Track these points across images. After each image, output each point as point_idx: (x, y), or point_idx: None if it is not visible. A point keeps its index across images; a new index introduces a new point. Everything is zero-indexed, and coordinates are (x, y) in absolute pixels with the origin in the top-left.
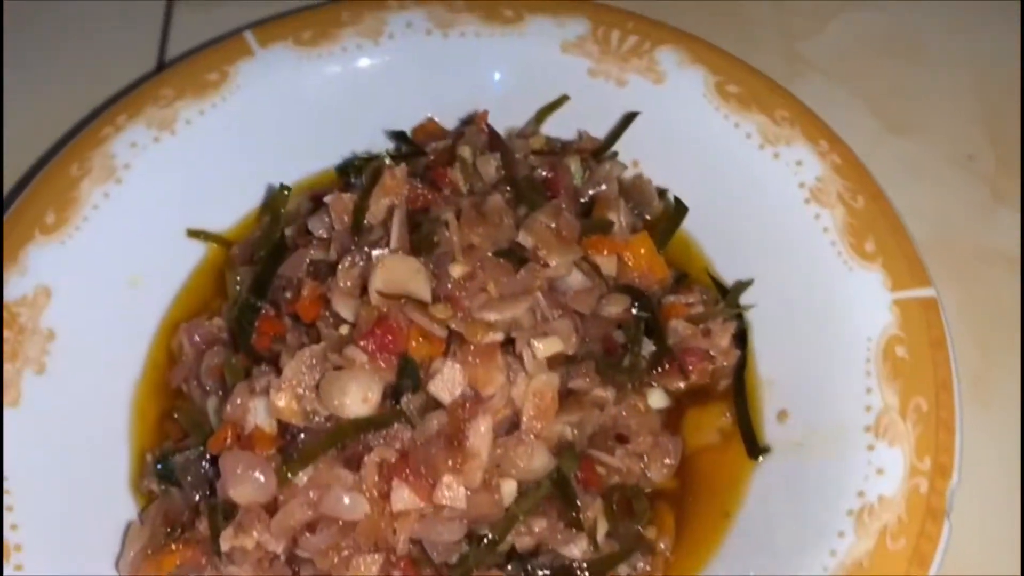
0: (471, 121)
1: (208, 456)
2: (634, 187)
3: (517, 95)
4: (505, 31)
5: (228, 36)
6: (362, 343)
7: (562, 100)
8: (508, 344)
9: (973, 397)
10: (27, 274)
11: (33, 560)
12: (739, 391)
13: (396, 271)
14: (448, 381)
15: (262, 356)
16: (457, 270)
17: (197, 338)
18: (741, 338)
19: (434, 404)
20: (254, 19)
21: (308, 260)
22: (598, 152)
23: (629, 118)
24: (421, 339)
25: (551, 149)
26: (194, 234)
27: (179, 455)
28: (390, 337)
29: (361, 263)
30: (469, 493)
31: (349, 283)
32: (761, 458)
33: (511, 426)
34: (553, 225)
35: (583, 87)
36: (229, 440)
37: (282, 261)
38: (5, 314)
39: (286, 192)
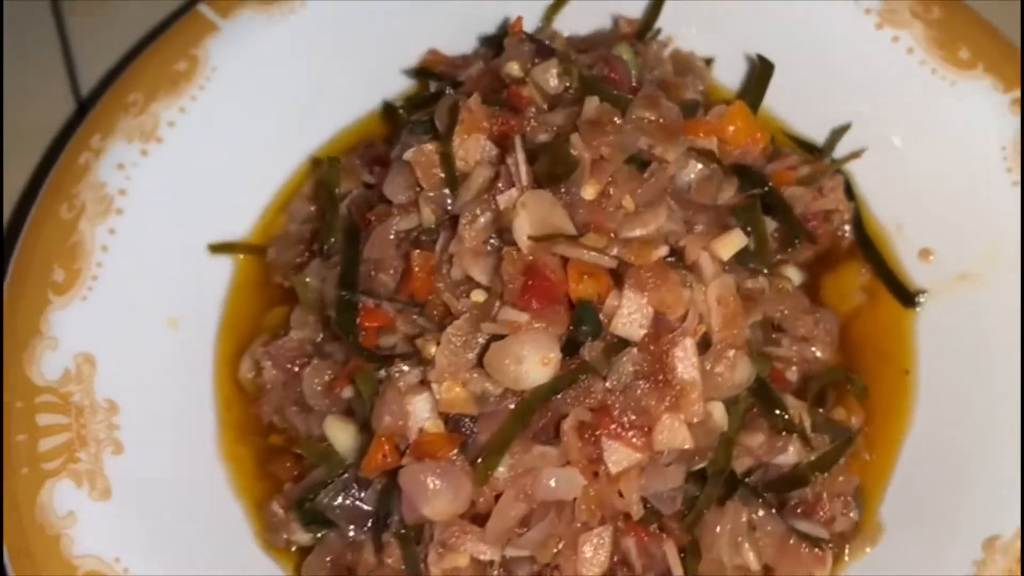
0: (502, 36)
1: (358, 483)
2: (682, 63)
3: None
4: None
5: (174, 19)
6: (521, 301)
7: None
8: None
9: None
10: (59, 346)
11: None
12: (866, 243)
13: (538, 209)
14: (634, 313)
15: (374, 355)
16: (590, 191)
17: (285, 363)
18: (847, 189)
19: (619, 346)
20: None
21: (393, 234)
22: (641, 34)
23: None
24: (585, 278)
25: (588, 46)
26: (218, 249)
27: (323, 492)
28: (549, 286)
29: (485, 214)
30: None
31: (476, 241)
32: (919, 303)
33: (702, 345)
34: (654, 117)
35: None
36: (387, 456)
37: (360, 244)
38: (54, 399)
39: (337, 164)
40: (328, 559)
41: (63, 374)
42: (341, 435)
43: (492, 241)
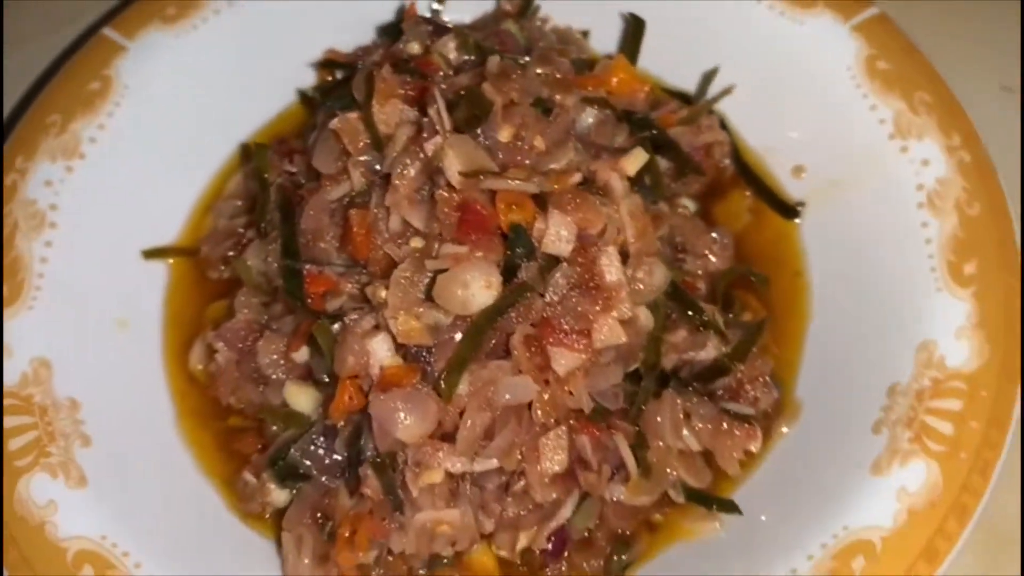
0: (398, 24)
1: (325, 435)
2: (562, 35)
3: None
4: None
5: (78, 44)
6: (459, 235)
7: None
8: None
9: None
10: (13, 353)
11: None
12: (745, 170)
13: (463, 150)
14: (560, 231)
15: (326, 316)
16: (505, 134)
17: (236, 342)
18: (722, 126)
19: (551, 264)
20: None
21: (326, 204)
22: (523, 11)
23: None
24: (513, 207)
25: (476, 28)
26: (151, 254)
27: (294, 448)
28: (482, 219)
29: (415, 164)
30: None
31: (409, 189)
32: (799, 213)
33: (621, 256)
34: (550, 72)
35: None
36: (352, 397)
37: (295, 218)
38: (16, 402)
39: (264, 149)
40: (307, 509)
41: (21, 378)
42: (302, 397)
43: (423, 192)
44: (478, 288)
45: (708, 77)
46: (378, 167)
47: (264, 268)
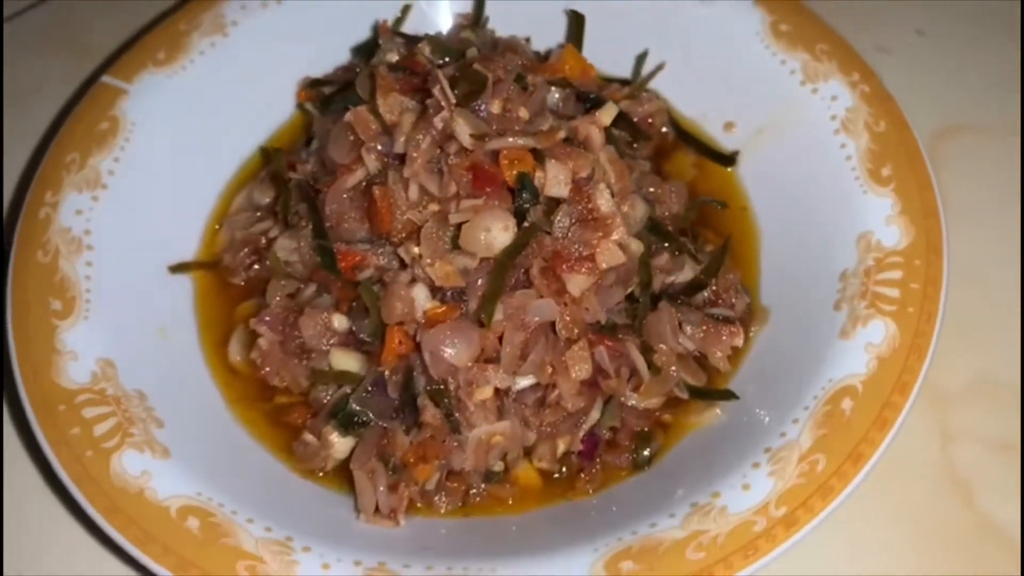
0: (374, 39)
1: (375, 384)
2: (510, 42)
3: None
4: None
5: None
6: (474, 191)
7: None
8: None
9: None
10: (79, 357)
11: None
12: (683, 134)
13: (469, 120)
14: (558, 176)
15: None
16: (496, 106)
17: (278, 324)
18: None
19: (553, 205)
20: None
21: (345, 191)
22: (476, 21)
23: None
24: (516, 163)
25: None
26: (176, 268)
27: (351, 398)
28: (491, 176)
29: (427, 138)
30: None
31: (424, 158)
32: (736, 161)
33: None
34: (518, 60)
35: None
36: (402, 343)
37: (318, 207)
38: (93, 396)
39: (281, 153)
40: (372, 448)
41: (91, 376)
42: (349, 360)
43: (434, 163)
44: (498, 231)
45: (640, 59)
46: (388, 151)
47: (293, 258)
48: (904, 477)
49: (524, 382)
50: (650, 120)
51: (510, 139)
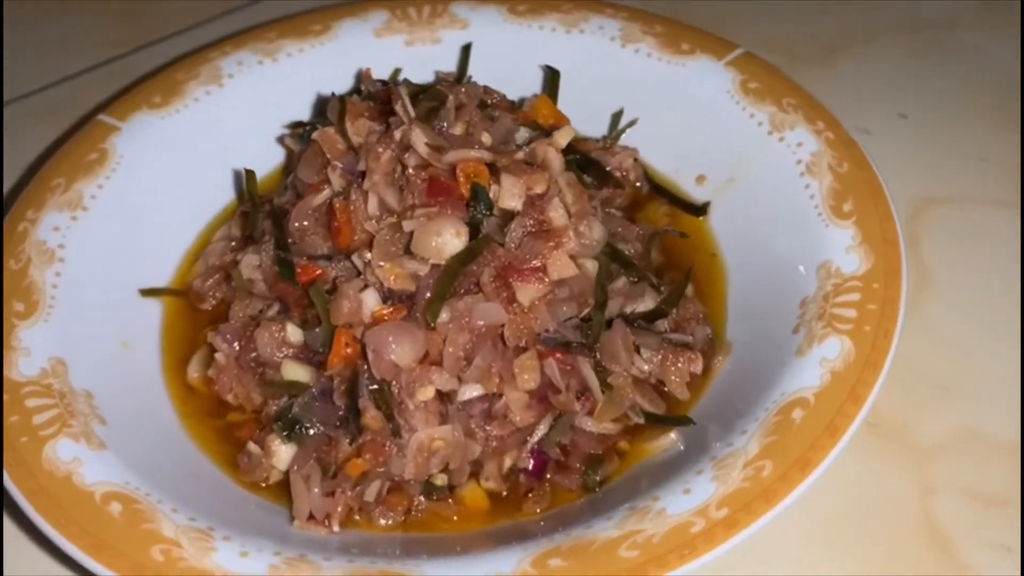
0: (356, 88)
1: (323, 391)
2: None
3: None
4: (313, 41)
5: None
6: (429, 199)
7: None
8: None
9: None
10: (31, 354)
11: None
12: (657, 187)
13: (427, 131)
14: (512, 189)
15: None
16: (459, 128)
17: (235, 340)
18: (635, 157)
19: (507, 217)
20: None
21: (311, 209)
22: (459, 80)
23: (467, 48)
24: (472, 176)
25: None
26: (147, 292)
27: (295, 403)
28: (447, 188)
29: (387, 152)
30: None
31: (383, 172)
32: (707, 211)
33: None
34: (489, 101)
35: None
36: (348, 345)
37: (284, 225)
38: (38, 388)
39: (253, 175)
40: (311, 454)
41: (40, 372)
42: (300, 371)
43: (395, 176)
44: (449, 236)
45: (616, 117)
46: (353, 170)
47: (256, 276)
48: (885, 529)
49: (471, 391)
50: (624, 173)
51: (467, 152)
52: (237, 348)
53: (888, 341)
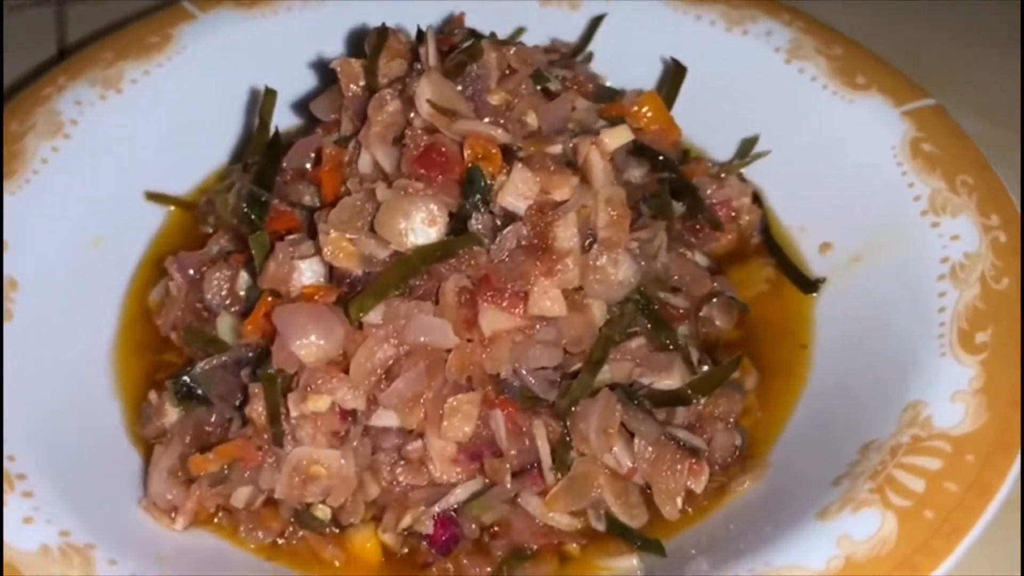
0: (448, 27)
1: (236, 362)
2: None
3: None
4: None
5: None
6: (417, 165)
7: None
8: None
9: None
10: None
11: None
12: (772, 244)
13: (441, 88)
14: (521, 188)
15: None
16: (496, 98)
17: (189, 269)
18: (756, 198)
19: (505, 220)
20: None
21: (315, 150)
22: (575, 54)
23: (597, 21)
24: (480, 158)
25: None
26: (153, 197)
27: (201, 365)
28: (445, 160)
29: (394, 101)
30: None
31: (383, 125)
32: (818, 290)
33: (588, 244)
34: (569, 75)
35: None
36: (268, 315)
37: (281, 158)
38: None
39: (273, 94)
40: (190, 428)
41: None
42: (228, 329)
43: (397, 134)
44: (419, 222)
45: (748, 143)
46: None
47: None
48: None
49: (384, 419)
50: (734, 213)
51: (480, 126)
52: (188, 282)
53: (948, 546)
